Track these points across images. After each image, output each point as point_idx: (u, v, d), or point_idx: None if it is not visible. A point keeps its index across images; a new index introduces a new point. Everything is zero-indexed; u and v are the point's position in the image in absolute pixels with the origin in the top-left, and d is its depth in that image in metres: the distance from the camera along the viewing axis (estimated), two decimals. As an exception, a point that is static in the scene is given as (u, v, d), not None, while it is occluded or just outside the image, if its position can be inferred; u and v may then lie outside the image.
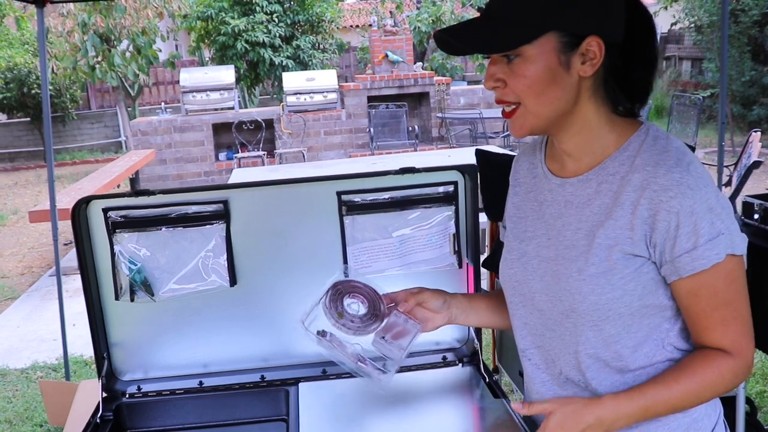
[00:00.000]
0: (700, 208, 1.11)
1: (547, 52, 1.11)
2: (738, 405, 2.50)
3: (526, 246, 1.31)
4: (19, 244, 7.97)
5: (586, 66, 1.13)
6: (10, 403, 4.03)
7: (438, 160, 6.52)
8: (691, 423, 1.24)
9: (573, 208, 1.23)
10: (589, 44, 1.11)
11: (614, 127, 1.20)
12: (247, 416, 1.72)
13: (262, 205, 1.70)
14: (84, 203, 1.62)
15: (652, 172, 1.13)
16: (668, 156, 1.14)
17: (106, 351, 1.72)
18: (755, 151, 5.22)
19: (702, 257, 1.12)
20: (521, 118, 1.17)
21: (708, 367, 1.17)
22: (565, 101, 1.15)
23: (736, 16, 11.43)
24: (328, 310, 1.43)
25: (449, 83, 11.53)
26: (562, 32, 1.11)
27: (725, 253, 1.13)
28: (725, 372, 1.17)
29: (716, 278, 1.14)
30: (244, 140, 10.39)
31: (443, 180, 1.70)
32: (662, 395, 1.17)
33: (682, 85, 14.80)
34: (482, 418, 1.58)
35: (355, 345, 1.46)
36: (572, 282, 1.20)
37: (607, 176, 1.19)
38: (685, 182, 1.11)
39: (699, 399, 1.19)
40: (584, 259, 1.19)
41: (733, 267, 1.15)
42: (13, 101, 14.12)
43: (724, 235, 1.12)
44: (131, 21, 12.22)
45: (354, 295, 1.44)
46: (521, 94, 1.14)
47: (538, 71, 1.12)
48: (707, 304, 1.16)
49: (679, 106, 8.18)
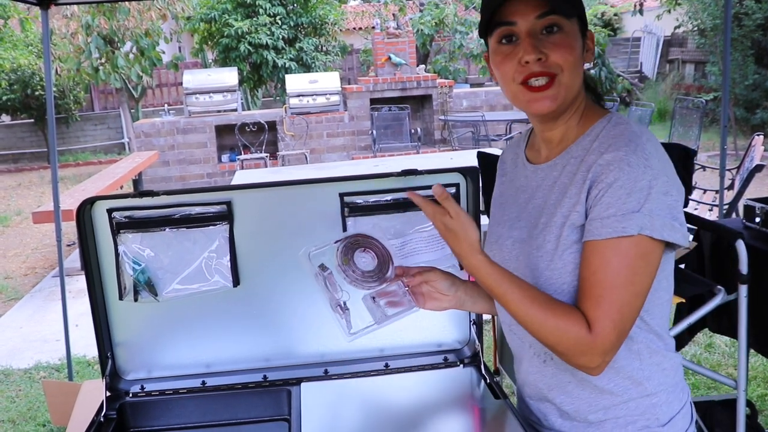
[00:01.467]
0: (633, 185, 1.14)
1: (576, 32, 1.24)
2: (738, 408, 2.51)
3: (502, 228, 1.39)
4: (23, 245, 7.99)
5: (588, 54, 1.27)
6: (14, 403, 4.04)
7: (440, 162, 6.52)
8: (649, 407, 1.28)
9: (541, 191, 1.31)
10: (590, 37, 1.28)
11: (587, 116, 1.30)
12: (250, 416, 1.73)
13: (265, 207, 1.70)
14: (88, 204, 1.63)
15: (603, 153, 1.20)
16: (621, 138, 1.20)
17: (110, 350, 1.73)
18: (758, 155, 5.22)
19: (610, 226, 1.15)
20: (556, 87, 1.23)
21: (569, 319, 1.18)
22: (580, 81, 1.27)
23: (740, 20, 11.42)
24: (337, 252, 1.48)
25: (452, 86, 11.53)
26: (581, 21, 1.25)
27: (636, 231, 1.13)
28: (573, 334, 1.17)
29: (613, 252, 1.15)
30: (246, 142, 10.41)
31: (445, 182, 1.70)
32: (514, 293, 1.22)
33: (685, 88, 14.79)
34: (483, 419, 1.59)
35: (344, 293, 1.50)
36: (532, 259, 1.28)
37: (570, 159, 1.27)
38: (626, 159, 1.16)
39: (542, 330, 1.21)
40: (543, 236, 1.26)
41: (639, 252, 1.15)
42: (16, 102, 14.16)
43: (643, 214, 1.13)
44: (135, 23, 12.26)
45: (368, 251, 1.48)
46: (564, 64, 1.21)
47: (576, 45, 1.23)
48: (594, 275, 1.17)
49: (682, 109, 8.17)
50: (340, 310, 1.49)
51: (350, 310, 1.49)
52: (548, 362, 1.33)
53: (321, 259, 1.50)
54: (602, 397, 1.29)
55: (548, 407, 1.37)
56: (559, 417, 1.35)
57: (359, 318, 1.49)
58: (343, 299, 1.50)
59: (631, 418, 1.28)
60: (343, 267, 1.47)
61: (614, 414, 1.29)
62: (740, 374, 2.49)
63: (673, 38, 16.31)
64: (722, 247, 2.67)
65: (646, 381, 1.28)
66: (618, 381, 1.27)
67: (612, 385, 1.28)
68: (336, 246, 1.49)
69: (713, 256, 2.76)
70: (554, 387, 1.34)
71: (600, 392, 1.29)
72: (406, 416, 1.58)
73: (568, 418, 1.33)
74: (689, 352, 4.03)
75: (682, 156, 2.70)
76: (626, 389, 1.28)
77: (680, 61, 16.13)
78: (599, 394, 1.29)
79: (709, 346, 4.11)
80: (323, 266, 1.50)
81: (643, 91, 15.60)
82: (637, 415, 1.28)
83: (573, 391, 1.31)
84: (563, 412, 1.34)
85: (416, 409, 1.62)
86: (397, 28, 11.30)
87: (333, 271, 1.50)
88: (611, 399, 1.28)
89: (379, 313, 1.45)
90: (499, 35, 1.24)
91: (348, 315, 1.48)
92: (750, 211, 2.76)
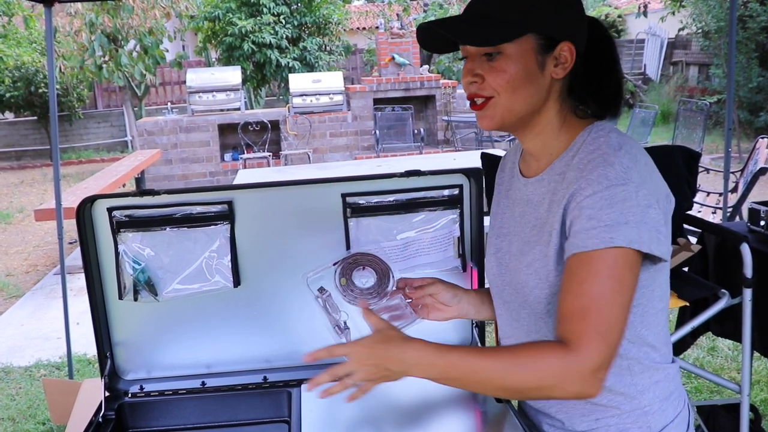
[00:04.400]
0: (612, 199, 1.12)
1: (526, 52, 1.19)
2: (742, 412, 2.50)
3: (501, 242, 1.38)
4: (25, 243, 8.00)
5: (558, 69, 1.21)
6: (14, 401, 4.04)
7: (443, 163, 6.52)
8: (642, 415, 1.26)
9: (531, 206, 1.30)
10: (562, 49, 1.20)
11: (568, 129, 1.27)
12: (249, 417, 1.72)
13: (266, 207, 1.69)
14: (89, 202, 1.62)
15: (582, 169, 1.18)
16: (599, 152, 1.19)
17: (109, 350, 1.72)
18: (762, 158, 5.21)
19: (596, 237, 1.11)
20: (492, 108, 1.23)
21: (537, 353, 1.13)
22: (536, 100, 1.23)
23: (744, 22, 11.39)
24: (336, 274, 1.49)
25: (455, 86, 11.52)
26: (540, 35, 1.19)
27: (622, 242, 1.10)
28: (554, 363, 1.11)
29: (601, 264, 1.11)
30: (249, 141, 10.40)
31: (448, 183, 1.70)
32: (469, 359, 1.15)
33: (688, 90, 14.77)
34: (484, 421, 1.58)
35: (342, 313, 1.50)
36: (522, 276, 1.27)
37: (555, 176, 1.26)
38: (606, 174, 1.14)
39: (514, 380, 1.14)
40: (532, 254, 1.25)
41: (626, 264, 1.11)
42: (20, 100, 14.18)
43: (630, 226, 1.11)
44: (138, 21, 12.27)
45: (367, 268, 1.49)
46: (498, 88, 1.20)
47: (517, 68, 1.19)
48: (580, 288, 1.12)
49: (686, 111, 8.16)
50: (339, 331, 1.48)
51: (350, 329, 1.48)
52: None
53: (319, 282, 1.50)
54: (595, 409, 1.28)
55: (542, 417, 1.37)
56: (551, 426, 1.35)
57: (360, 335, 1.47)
58: (343, 319, 1.49)
59: (623, 426, 1.27)
60: (342, 288, 1.47)
61: (605, 423, 1.27)
62: (744, 378, 2.48)
63: (677, 40, 16.29)
64: (727, 250, 2.66)
65: (639, 395, 1.26)
66: (611, 397, 1.26)
67: (605, 401, 1.26)
68: (334, 268, 1.48)
69: (717, 260, 2.75)
70: (550, 402, 1.34)
71: (593, 405, 1.28)
72: (406, 418, 1.57)
73: (561, 427, 1.32)
74: (692, 356, 4.01)
75: (687, 158, 2.69)
76: (619, 404, 1.26)
77: (684, 64, 16.10)
78: (592, 406, 1.28)
79: (712, 350, 4.09)
80: (322, 289, 1.49)
81: (647, 93, 15.58)
82: (629, 423, 1.26)
83: (567, 405, 1.31)
84: (556, 420, 1.33)
85: (417, 411, 1.61)
86: (401, 28, 11.30)
87: (332, 293, 1.49)
88: (604, 411, 1.27)
89: None
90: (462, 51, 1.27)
91: (348, 334, 1.47)
92: (754, 214, 2.75)
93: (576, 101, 1.27)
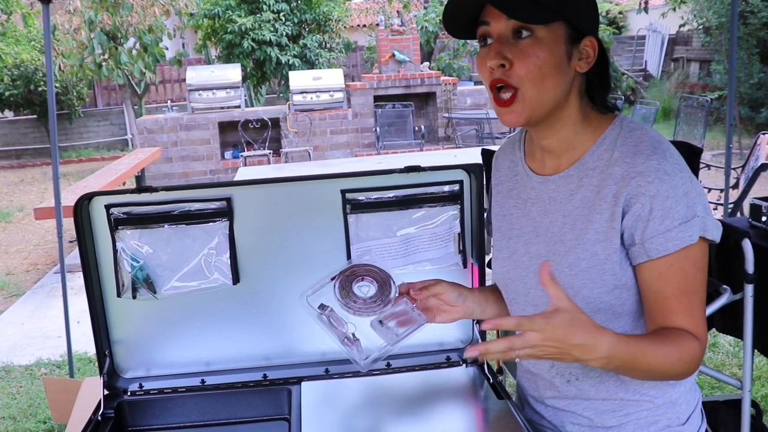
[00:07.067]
0: (676, 192, 1.14)
1: (558, 38, 1.16)
2: (743, 408, 2.49)
3: (515, 244, 1.34)
4: (25, 241, 7.99)
5: (582, 62, 1.20)
6: (14, 400, 4.03)
7: (444, 160, 6.51)
8: (671, 407, 1.28)
9: (557, 204, 1.27)
10: (586, 43, 1.19)
11: (590, 123, 1.25)
12: (249, 415, 1.71)
13: (265, 203, 1.68)
14: (86, 200, 1.61)
15: (631, 163, 1.17)
16: (645, 146, 1.19)
17: (108, 348, 1.71)
18: (763, 154, 5.21)
19: (676, 238, 1.15)
20: (520, 103, 1.17)
21: (684, 341, 1.16)
22: (561, 92, 1.19)
23: (745, 18, 11.38)
24: (335, 288, 1.45)
25: (456, 83, 11.51)
26: (570, 26, 1.17)
27: (698, 236, 1.15)
28: (692, 352, 1.16)
29: (687, 262, 1.16)
30: (250, 139, 10.40)
31: (448, 179, 1.69)
32: (651, 350, 1.14)
33: (689, 86, 14.75)
34: (486, 419, 1.57)
35: (350, 325, 1.47)
36: (564, 277, 1.23)
37: (587, 171, 1.23)
38: (662, 168, 1.15)
39: (670, 368, 1.16)
40: (575, 254, 1.22)
41: (703, 253, 1.18)
42: (19, 98, 14.17)
43: (699, 217, 1.15)
44: (138, 19, 12.25)
45: (365, 278, 1.46)
46: (526, 76, 1.15)
47: (548, 54, 1.15)
48: (677, 288, 1.17)
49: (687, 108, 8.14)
50: (349, 342, 1.44)
51: (360, 339, 1.44)
52: (572, 382, 1.32)
53: (319, 299, 1.45)
54: (626, 404, 1.29)
55: (564, 415, 1.35)
56: (577, 425, 1.34)
57: (371, 343, 1.44)
58: (351, 331, 1.45)
59: (654, 418, 1.28)
60: (343, 301, 1.43)
61: (636, 417, 1.29)
62: (745, 374, 2.47)
63: (678, 36, 16.26)
64: (728, 246, 2.65)
65: (671, 388, 1.28)
66: (644, 391, 1.28)
67: (638, 396, 1.28)
68: (333, 283, 1.45)
69: (719, 255, 2.74)
70: (576, 400, 1.33)
71: (624, 401, 1.29)
72: (407, 416, 1.56)
73: (589, 424, 1.32)
74: (693, 352, 4.00)
75: (689, 154, 2.68)
76: (653, 397, 1.28)
77: (685, 60, 16.08)
78: (623, 402, 1.29)
79: (713, 346, 4.09)
80: (323, 306, 1.45)
81: (648, 90, 15.56)
82: (659, 415, 1.28)
83: (596, 403, 1.31)
84: (583, 418, 1.32)
85: (418, 408, 1.60)
86: (402, 25, 11.29)
87: (335, 308, 1.45)
88: (636, 405, 1.28)
89: (390, 334, 1.40)
90: (480, 35, 1.21)
91: (358, 344, 1.44)
92: (756, 210, 2.74)
93: (588, 93, 1.25)
